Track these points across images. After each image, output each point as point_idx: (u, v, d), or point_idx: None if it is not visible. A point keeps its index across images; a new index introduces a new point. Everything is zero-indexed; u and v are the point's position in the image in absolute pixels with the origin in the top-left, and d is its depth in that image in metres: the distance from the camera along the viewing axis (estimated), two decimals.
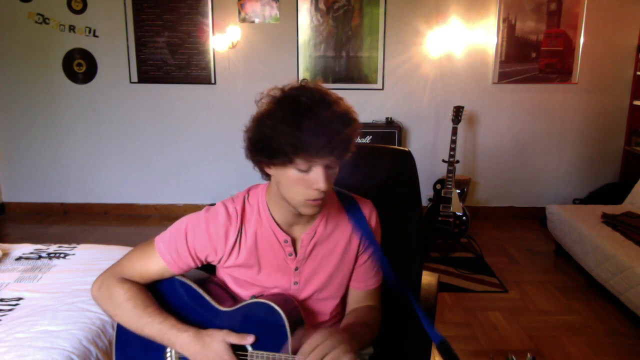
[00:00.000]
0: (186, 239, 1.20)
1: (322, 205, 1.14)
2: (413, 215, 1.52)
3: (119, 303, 1.19)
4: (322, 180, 1.06)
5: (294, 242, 1.24)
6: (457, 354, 1.10)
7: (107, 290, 1.20)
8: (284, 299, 1.21)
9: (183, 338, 1.15)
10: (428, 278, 1.60)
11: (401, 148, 1.58)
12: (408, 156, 1.55)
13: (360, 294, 1.33)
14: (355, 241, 1.28)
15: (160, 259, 1.20)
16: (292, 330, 1.14)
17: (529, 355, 0.99)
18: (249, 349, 1.16)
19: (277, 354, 1.13)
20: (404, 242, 1.48)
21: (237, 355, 1.16)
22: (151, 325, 1.16)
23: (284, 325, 1.14)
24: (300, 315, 1.20)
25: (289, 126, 1.03)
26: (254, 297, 1.21)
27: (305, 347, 1.07)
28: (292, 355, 1.12)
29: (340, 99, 1.12)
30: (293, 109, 1.05)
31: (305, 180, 1.08)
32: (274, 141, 1.05)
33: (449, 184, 3.57)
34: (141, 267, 1.22)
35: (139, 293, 1.19)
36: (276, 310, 1.14)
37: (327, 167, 1.08)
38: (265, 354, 1.14)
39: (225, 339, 1.15)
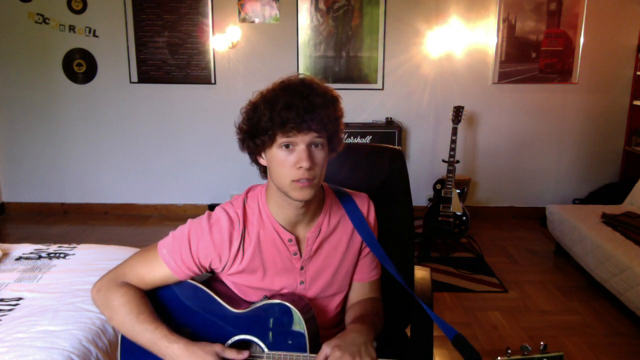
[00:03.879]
0: (190, 246, 1.18)
1: (312, 189, 1.13)
2: (404, 212, 1.56)
3: (114, 307, 1.17)
4: (304, 157, 1.09)
5: (297, 241, 1.23)
6: (472, 345, 1.11)
7: (105, 293, 1.20)
8: (296, 298, 1.21)
9: (173, 349, 1.12)
10: (422, 272, 1.64)
11: (391, 146, 1.62)
12: (398, 154, 1.58)
13: (362, 286, 1.34)
14: (358, 235, 1.29)
15: (164, 265, 1.19)
16: (308, 329, 1.14)
17: (542, 343, 1.04)
18: (265, 350, 1.15)
19: (294, 354, 1.13)
20: (395, 239, 1.50)
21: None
22: (143, 333, 1.15)
23: (300, 324, 1.13)
24: (313, 312, 1.20)
25: (267, 103, 1.10)
26: (266, 297, 1.20)
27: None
28: (310, 355, 1.12)
29: (326, 85, 1.16)
30: (272, 90, 1.13)
31: (289, 161, 1.11)
32: (255, 120, 1.12)
33: (449, 184, 3.57)
34: (144, 272, 1.21)
35: (134, 298, 1.18)
36: (291, 310, 1.14)
37: (311, 146, 1.11)
38: (282, 354, 1.13)
39: (217, 351, 1.13)
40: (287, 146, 1.10)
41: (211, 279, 1.32)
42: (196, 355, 1.12)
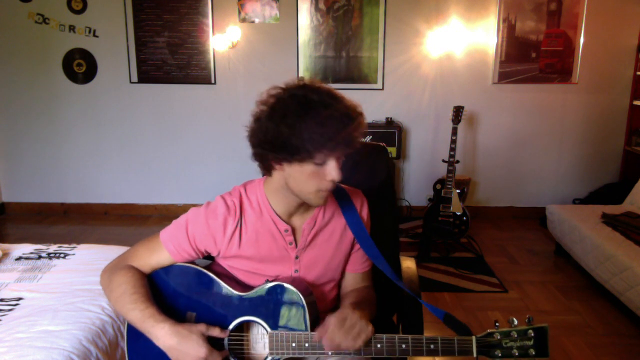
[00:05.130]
0: (187, 231, 1.26)
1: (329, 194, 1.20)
2: (389, 204, 1.63)
3: (113, 286, 1.24)
4: (336, 171, 1.14)
5: (293, 232, 1.29)
6: (463, 322, 1.17)
7: (110, 274, 1.27)
8: (297, 281, 1.25)
9: (158, 329, 1.17)
10: (407, 262, 1.71)
11: (376, 143, 1.71)
12: (383, 151, 1.67)
13: (356, 276, 1.41)
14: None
15: (164, 248, 1.27)
16: (309, 309, 1.19)
17: (527, 316, 1.13)
18: (268, 330, 1.20)
19: (296, 333, 1.18)
20: (380, 232, 1.54)
21: (229, 346, 1.21)
22: (133, 311, 1.20)
23: (302, 305, 1.18)
24: (313, 296, 1.25)
25: (309, 124, 1.08)
26: (268, 281, 1.25)
27: (330, 333, 1.13)
28: (311, 333, 1.17)
29: (356, 105, 1.19)
30: (308, 107, 1.10)
31: (319, 173, 1.14)
32: (294, 139, 1.09)
33: (449, 184, 3.57)
34: (146, 255, 1.29)
35: (133, 279, 1.24)
36: (293, 291, 1.19)
37: (338, 159, 1.15)
38: (284, 333, 1.18)
39: (202, 330, 1.18)
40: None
41: (212, 264, 1.37)
42: (181, 334, 1.16)
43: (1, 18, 4.18)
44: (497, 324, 1.14)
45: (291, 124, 1.09)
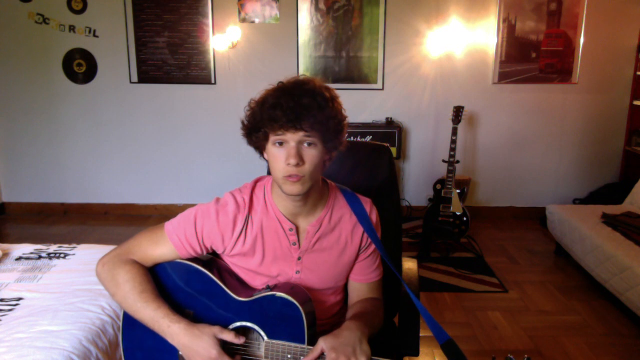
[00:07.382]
0: (195, 225, 1.24)
1: (302, 185, 1.17)
2: (392, 204, 1.62)
3: (118, 283, 1.22)
4: (292, 154, 1.13)
5: (297, 232, 1.28)
6: (463, 353, 1.14)
7: (110, 268, 1.24)
8: (297, 290, 1.24)
9: (174, 329, 1.17)
10: (408, 263, 1.70)
11: (378, 143, 1.70)
12: (385, 150, 1.66)
13: (362, 286, 1.37)
14: (358, 236, 1.32)
15: (168, 241, 1.25)
16: (308, 322, 1.18)
17: (525, 356, 1.08)
18: (265, 338, 1.20)
19: (292, 344, 1.17)
20: (383, 232, 1.55)
21: (229, 349, 1.20)
22: (144, 310, 1.19)
23: (300, 318, 1.17)
24: (312, 305, 1.24)
25: (259, 102, 1.18)
26: (269, 287, 1.24)
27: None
28: (308, 346, 1.16)
29: (323, 85, 1.19)
30: (268, 90, 1.19)
31: (281, 157, 1.16)
32: (252, 119, 1.20)
33: (449, 184, 3.57)
34: (149, 248, 1.26)
35: (138, 276, 1.22)
36: (293, 303, 1.18)
37: (300, 144, 1.15)
38: (281, 343, 1.18)
39: (215, 333, 1.17)
40: (280, 143, 1.15)
41: (213, 260, 1.36)
42: (194, 335, 1.16)
43: (1, 18, 4.17)
44: (494, 358, 1.12)
45: (251, 107, 1.20)
